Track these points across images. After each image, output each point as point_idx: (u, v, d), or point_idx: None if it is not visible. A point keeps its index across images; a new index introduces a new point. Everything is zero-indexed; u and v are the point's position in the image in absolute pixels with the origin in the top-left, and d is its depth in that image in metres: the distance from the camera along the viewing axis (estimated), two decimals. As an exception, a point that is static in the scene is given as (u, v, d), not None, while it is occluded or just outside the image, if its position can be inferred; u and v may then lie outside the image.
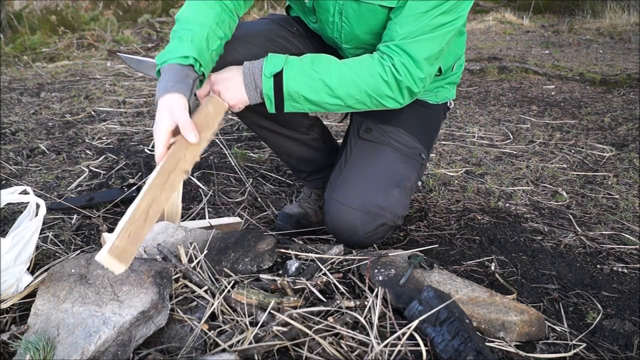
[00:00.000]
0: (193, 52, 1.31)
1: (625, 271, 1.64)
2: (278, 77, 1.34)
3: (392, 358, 1.02)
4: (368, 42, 1.52)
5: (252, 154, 2.49)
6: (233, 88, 1.36)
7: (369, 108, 1.42)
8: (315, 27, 1.64)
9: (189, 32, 1.35)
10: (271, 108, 1.38)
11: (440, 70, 1.59)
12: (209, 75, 1.40)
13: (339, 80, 1.35)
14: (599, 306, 1.45)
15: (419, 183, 2.21)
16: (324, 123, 1.90)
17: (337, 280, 1.30)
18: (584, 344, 1.24)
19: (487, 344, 1.10)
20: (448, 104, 1.75)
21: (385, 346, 1.04)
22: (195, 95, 1.34)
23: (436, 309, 1.10)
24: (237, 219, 1.75)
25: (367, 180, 1.51)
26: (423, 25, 1.33)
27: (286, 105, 1.38)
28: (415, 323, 1.09)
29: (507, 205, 2.10)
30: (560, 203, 2.15)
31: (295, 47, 1.63)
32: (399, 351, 1.03)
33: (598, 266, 1.67)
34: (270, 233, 1.75)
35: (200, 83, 1.38)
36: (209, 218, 1.82)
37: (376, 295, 1.19)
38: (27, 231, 1.18)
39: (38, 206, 1.24)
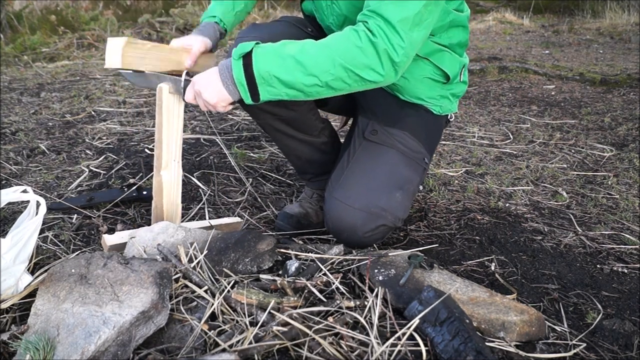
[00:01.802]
0: (219, 12, 1.74)
1: (625, 271, 1.64)
2: (247, 58, 1.28)
3: (392, 358, 1.02)
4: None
5: (252, 154, 2.49)
6: (211, 84, 1.34)
7: (350, 87, 1.31)
8: (317, 17, 1.65)
9: None
10: (247, 97, 1.31)
11: (447, 77, 1.58)
12: (193, 78, 1.40)
13: (312, 55, 1.26)
14: (599, 306, 1.45)
15: (420, 187, 2.21)
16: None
17: (337, 280, 1.30)
18: (584, 344, 1.24)
19: (487, 344, 1.10)
20: (449, 117, 1.74)
21: (386, 346, 1.04)
22: (186, 79, 1.44)
23: (437, 311, 1.10)
24: (237, 219, 1.75)
25: (370, 180, 1.51)
26: None
27: (260, 90, 1.30)
28: (415, 322, 1.09)
29: (507, 205, 2.10)
30: (560, 203, 2.15)
31: None
32: (399, 351, 1.03)
33: (598, 266, 1.67)
34: (271, 233, 1.75)
35: (222, 36, 1.75)
36: (209, 218, 1.82)
37: (376, 295, 1.19)
38: (27, 230, 1.18)
39: (38, 205, 1.24)
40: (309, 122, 1.71)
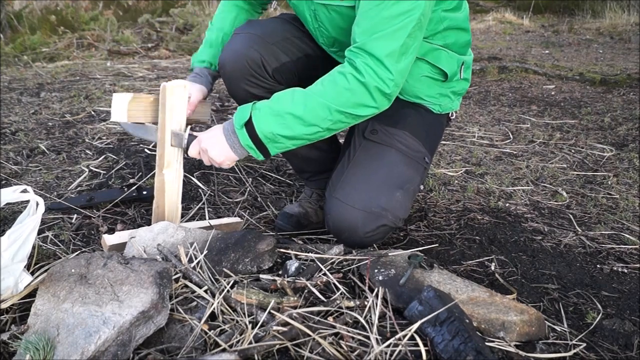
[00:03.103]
0: (209, 56, 1.71)
1: (625, 271, 1.64)
2: (249, 125, 1.35)
3: (392, 358, 1.02)
4: (348, 42, 1.53)
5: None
6: (217, 145, 1.41)
7: (350, 123, 1.38)
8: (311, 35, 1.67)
9: (209, 38, 1.73)
10: (258, 156, 1.40)
11: (445, 75, 1.58)
12: (198, 135, 1.47)
13: (305, 107, 1.32)
14: (599, 306, 1.45)
15: (421, 187, 2.21)
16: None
17: (337, 280, 1.30)
18: (584, 344, 1.24)
19: (487, 343, 1.10)
20: (450, 115, 1.74)
21: (386, 346, 1.04)
22: (190, 135, 1.50)
23: (437, 311, 1.10)
24: (237, 219, 1.75)
25: (371, 180, 1.51)
26: (378, 20, 1.28)
27: (269, 148, 1.38)
28: (416, 325, 1.09)
29: (507, 205, 2.10)
30: (560, 203, 2.15)
31: (308, 45, 1.65)
32: (399, 351, 1.03)
33: (598, 266, 1.67)
34: (271, 233, 1.75)
35: (215, 79, 1.73)
36: (209, 218, 1.82)
37: (376, 295, 1.19)
38: (25, 229, 1.18)
39: (37, 204, 1.24)
40: None
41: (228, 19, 1.73)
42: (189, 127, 1.53)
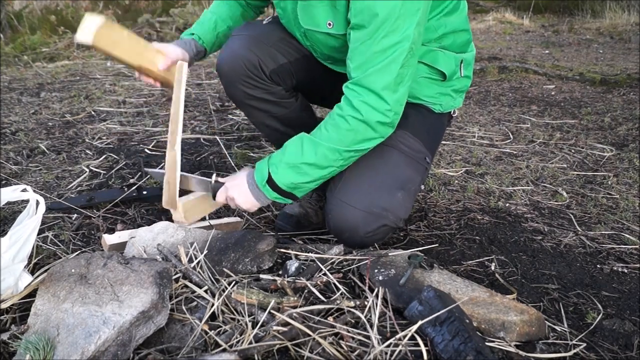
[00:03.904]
0: (198, 30, 1.73)
1: (625, 271, 1.64)
2: (271, 181, 1.42)
3: (392, 358, 1.02)
4: (343, 59, 1.54)
5: (252, 154, 2.49)
6: (244, 195, 1.49)
7: (362, 154, 1.44)
8: None
9: (202, 18, 1.77)
10: (287, 201, 1.48)
11: (444, 75, 1.57)
12: (225, 182, 1.53)
13: (316, 154, 1.38)
14: (599, 306, 1.45)
15: (422, 187, 2.20)
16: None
17: (337, 280, 1.30)
18: (584, 344, 1.24)
19: (487, 343, 1.10)
20: (452, 113, 1.73)
21: (386, 346, 1.04)
22: (216, 181, 1.56)
23: (437, 311, 1.10)
24: (237, 219, 1.75)
25: (372, 180, 1.50)
26: (370, 55, 1.31)
27: (295, 194, 1.45)
28: (417, 325, 1.09)
29: (507, 205, 2.10)
30: (560, 203, 2.15)
31: (305, 48, 1.64)
32: (399, 351, 1.03)
33: (598, 266, 1.67)
34: (271, 233, 1.75)
35: (201, 54, 1.73)
36: (209, 218, 1.82)
37: (376, 295, 1.19)
38: (26, 229, 1.18)
39: (38, 204, 1.24)
40: (303, 120, 1.72)
41: (224, 8, 1.76)
42: (215, 174, 1.57)
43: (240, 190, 1.49)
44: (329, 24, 1.41)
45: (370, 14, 1.28)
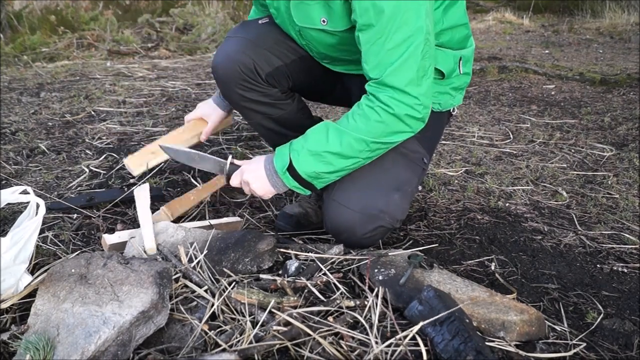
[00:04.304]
0: None
1: (625, 271, 1.64)
2: (291, 169, 1.39)
3: (392, 358, 1.02)
4: (340, 57, 1.54)
5: (251, 155, 2.49)
6: (259, 180, 1.46)
7: (388, 148, 1.41)
8: None
9: None
10: (305, 192, 1.45)
11: (442, 74, 1.56)
12: (241, 166, 1.52)
13: (342, 144, 1.35)
14: (599, 306, 1.45)
15: (419, 188, 2.20)
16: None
17: (337, 280, 1.30)
18: (584, 344, 1.24)
19: (487, 343, 1.10)
20: (452, 111, 1.71)
21: (386, 346, 1.04)
22: (232, 163, 1.54)
23: (437, 311, 1.10)
24: (237, 219, 1.75)
25: (368, 182, 1.50)
26: (385, 54, 1.29)
27: (315, 184, 1.42)
28: (418, 326, 1.08)
29: (507, 204, 2.10)
30: (560, 203, 2.15)
31: (302, 47, 1.64)
32: (399, 351, 1.03)
33: (598, 266, 1.67)
34: (271, 233, 1.75)
35: None
36: (209, 218, 1.82)
37: (376, 295, 1.19)
38: (27, 230, 1.18)
39: (38, 206, 1.24)
40: (299, 120, 1.72)
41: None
42: (231, 156, 1.56)
43: (256, 175, 1.46)
44: (323, 21, 1.41)
45: (376, 11, 1.26)
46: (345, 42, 1.44)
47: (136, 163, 1.79)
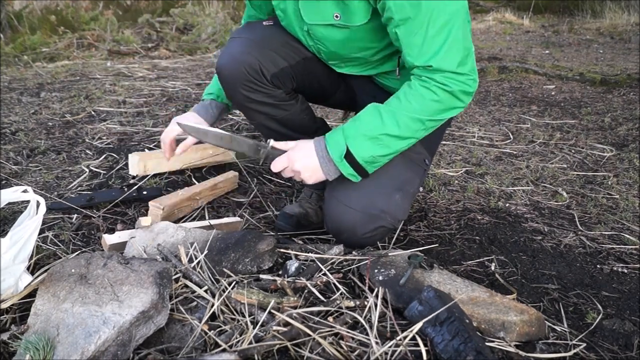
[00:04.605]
0: (215, 89, 1.74)
1: (625, 271, 1.64)
2: (349, 156, 1.39)
3: (392, 358, 1.02)
4: (349, 55, 1.54)
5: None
6: (313, 170, 1.44)
7: (442, 123, 1.43)
8: None
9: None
10: (357, 179, 1.45)
11: None
12: (294, 146, 1.47)
13: (399, 125, 1.37)
14: (599, 306, 1.45)
15: (420, 189, 2.20)
16: (327, 123, 1.90)
17: (337, 280, 1.30)
18: (584, 344, 1.24)
19: (487, 344, 1.10)
20: None
21: (386, 346, 1.04)
22: (273, 147, 1.48)
23: (437, 311, 1.10)
24: (237, 219, 1.75)
25: (370, 182, 1.50)
26: (428, 42, 1.31)
27: (368, 169, 1.42)
28: (418, 326, 1.08)
29: (507, 205, 2.10)
30: (560, 203, 2.15)
31: (306, 48, 1.63)
32: (399, 351, 1.03)
33: (598, 266, 1.67)
34: (271, 233, 1.75)
35: (224, 110, 1.77)
36: (209, 218, 1.82)
37: (376, 295, 1.19)
38: (27, 230, 1.18)
39: (38, 205, 1.24)
40: (303, 122, 1.71)
41: None
42: (271, 139, 1.50)
43: (308, 163, 1.43)
44: (336, 16, 1.41)
45: (413, 4, 1.28)
46: (355, 38, 1.45)
47: (139, 164, 1.84)
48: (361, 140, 1.37)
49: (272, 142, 1.48)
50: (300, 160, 1.43)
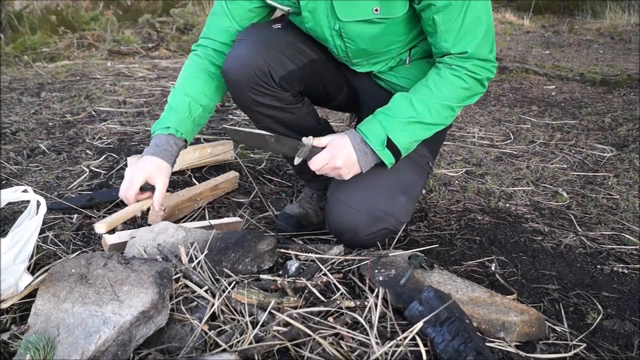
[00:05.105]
0: (174, 123, 1.55)
1: (626, 271, 1.64)
2: (390, 144, 1.42)
3: (392, 358, 1.02)
4: (377, 50, 1.53)
5: (252, 155, 2.49)
6: (351, 165, 1.45)
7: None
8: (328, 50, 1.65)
9: (172, 103, 1.61)
10: (391, 165, 1.47)
11: None
12: (328, 142, 1.44)
13: (430, 112, 1.42)
14: (599, 306, 1.45)
15: (423, 191, 2.20)
16: (331, 124, 1.90)
17: (337, 281, 1.30)
18: (584, 344, 1.24)
19: (487, 344, 1.10)
20: None
21: (386, 346, 1.04)
22: (313, 146, 1.45)
23: (437, 312, 1.10)
24: (237, 219, 1.75)
25: (374, 183, 1.50)
26: (467, 27, 1.37)
27: (403, 155, 1.47)
28: (418, 326, 1.08)
29: (507, 205, 2.10)
30: (560, 203, 2.15)
31: (313, 50, 1.61)
32: (399, 351, 1.03)
33: (598, 266, 1.67)
34: (271, 233, 1.75)
35: (185, 147, 1.60)
36: (209, 218, 1.82)
37: (376, 296, 1.19)
38: (27, 230, 1.18)
39: (38, 205, 1.24)
40: (308, 124, 1.70)
41: (196, 85, 1.60)
42: (311, 137, 1.45)
43: (348, 158, 1.43)
44: (376, 10, 1.41)
45: None
46: (388, 32, 1.47)
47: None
48: (398, 128, 1.42)
49: (311, 140, 1.45)
50: (341, 158, 1.43)
